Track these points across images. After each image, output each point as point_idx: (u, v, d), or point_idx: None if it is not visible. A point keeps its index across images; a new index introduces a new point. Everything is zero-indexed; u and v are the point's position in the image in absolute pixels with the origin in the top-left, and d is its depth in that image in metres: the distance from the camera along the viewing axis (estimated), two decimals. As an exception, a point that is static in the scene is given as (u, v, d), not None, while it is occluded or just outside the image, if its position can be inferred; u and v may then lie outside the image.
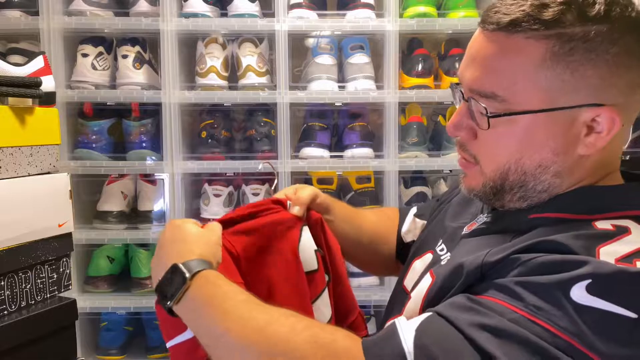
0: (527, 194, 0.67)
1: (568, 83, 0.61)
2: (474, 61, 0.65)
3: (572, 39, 0.59)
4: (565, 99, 0.61)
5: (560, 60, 0.60)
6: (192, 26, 1.78)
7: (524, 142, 0.64)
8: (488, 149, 0.67)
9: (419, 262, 0.82)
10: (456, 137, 0.71)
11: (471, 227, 0.75)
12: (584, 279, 0.53)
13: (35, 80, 0.98)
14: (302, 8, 1.79)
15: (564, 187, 0.66)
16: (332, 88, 1.82)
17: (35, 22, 1.72)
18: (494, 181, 0.68)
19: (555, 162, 0.64)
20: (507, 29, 0.61)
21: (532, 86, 0.62)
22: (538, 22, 0.60)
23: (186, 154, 1.86)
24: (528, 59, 0.61)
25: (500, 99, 0.63)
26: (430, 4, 1.83)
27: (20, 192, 0.95)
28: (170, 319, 0.69)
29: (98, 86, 1.80)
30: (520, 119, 0.63)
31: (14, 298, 0.95)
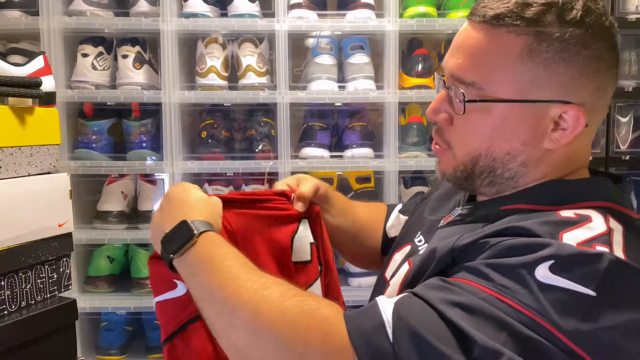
0: (496, 179, 0.72)
1: (541, 78, 0.66)
2: (458, 50, 0.70)
3: (549, 37, 0.65)
4: (537, 93, 0.66)
5: (536, 55, 0.65)
6: (192, 26, 1.78)
7: (496, 130, 0.69)
8: (462, 134, 0.72)
9: (399, 255, 0.86)
10: (434, 122, 0.75)
11: (447, 219, 0.80)
12: (547, 259, 0.57)
13: (35, 80, 0.98)
14: (302, 8, 1.79)
15: (530, 177, 0.71)
16: (332, 88, 1.82)
17: (35, 22, 1.72)
18: (465, 165, 0.73)
19: (523, 152, 0.69)
20: (491, 22, 0.67)
21: (508, 77, 0.67)
22: (520, 19, 0.65)
23: (186, 154, 1.86)
24: (507, 51, 0.66)
25: (477, 86, 0.68)
26: (430, 4, 1.83)
27: (20, 192, 0.95)
28: (163, 274, 0.72)
29: (98, 86, 1.80)
30: (493, 107, 0.68)
31: (14, 298, 0.95)
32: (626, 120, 1.88)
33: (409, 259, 0.78)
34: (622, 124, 1.88)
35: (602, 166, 1.86)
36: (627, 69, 1.89)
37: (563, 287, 0.56)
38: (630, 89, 1.84)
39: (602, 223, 0.62)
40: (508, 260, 0.59)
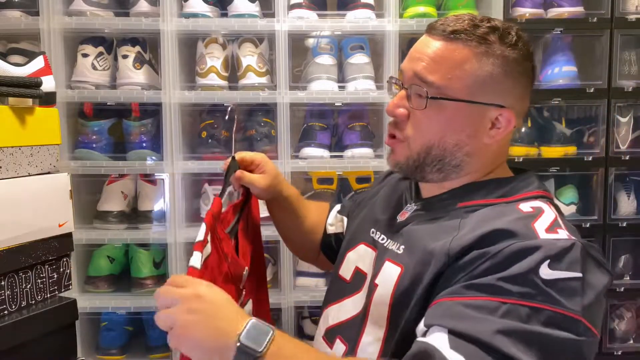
0: (444, 167, 0.87)
1: (486, 84, 0.83)
2: (421, 56, 0.85)
3: (493, 53, 0.83)
4: (482, 96, 0.84)
5: (484, 66, 0.83)
6: (192, 26, 1.78)
7: (448, 124, 0.85)
8: (419, 127, 0.86)
9: (353, 254, 0.99)
10: (394, 116, 0.88)
11: (404, 215, 0.93)
12: (544, 260, 0.71)
13: (35, 81, 0.98)
14: (302, 8, 1.79)
15: (472, 165, 0.87)
16: (332, 88, 1.82)
17: (36, 22, 1.72)
18: (418, 154, 0.87)
19: (468, 144, 0.86)
20: (450, 36, 0.84)
21: (461, 81, 0.83)
22: (473, 36, 0.83)
23: (186, 154, 1.86)
24: (463, 60, 0.83)
25: (436, 86, 0.83)
26: (430, 4, 1.83)
27: (20, 192, 0.95)
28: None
29: (98, 86, 1.80)
30: (447, 105, 0.83)
31: (14, 298, 0.95)
32: (626, 120, 1.88)
33: (389, 258, 0.88)
34: (622, 124, 1.88)
35: (602, 166, 1.86)
36: (627, 69, 1.89)
37: (562, 278, 0.70)
38: (630, 89, 1.84)
39: (550, 212, 0.79)
40: (514, 269, 0.71)
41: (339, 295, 0.97)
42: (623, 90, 1.84)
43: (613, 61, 1.83)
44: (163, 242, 1.82)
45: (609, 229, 1.87)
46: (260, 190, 1.09)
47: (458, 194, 0.88)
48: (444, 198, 0.89)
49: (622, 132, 1.88)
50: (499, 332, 0.67)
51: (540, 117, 1.94)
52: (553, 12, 1.86)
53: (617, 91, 1.84)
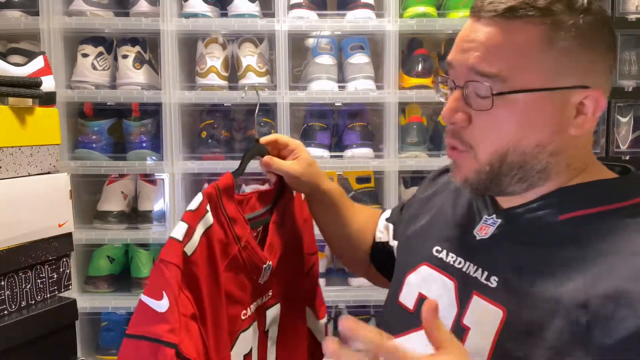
0: (527, 174, 0.69)
1: (563, 65, 0.66)
2: (472, 45, 0.68)
3: (564, 25, 0.65)
4: (560, 80, 0.66)
5: (555, 44, 0.65)
6: (192, 26, 1.78)
7: (523, 122, 0.67)
8: (486, 132, 0.69)
9: (414, 277, 0.81)
10: (452, 123, 0.71)
11: (484, 230, 0.74)
12: None
13: (35, 80, 0.98)
14: (302, 8, 1.79)
15: (560, 166, 0.69)
16: (332, 88, 1.82)
17: (35, 22, 1.72)
18: (490, 165, 0.69)
19: (553, 142, 0.68)
20: (505, 15, 0.66)
21: (532, 67, 0.66)
22: (533, 9, 0.65)
23: (186, 154, 1.86)
24: (528, 42, 0.65)
25: (502, 78, 0.66)
26: (430, 4, 1.83)
27: (20, 192, 0.95)
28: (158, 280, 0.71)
29: (98, 86, 1.80)
30: (519, 98, 0.66)
31: (14, 298, 0.95)
32: (626, 120, 1.88)
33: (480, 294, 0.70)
34: (622, 124, 1.88)
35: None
36: (627, 69, 1.89)
37: None
38: (630, 89, 1.84)
39: None
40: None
41: (404, 327, 0.77)
42: (623, 90, 1.84)
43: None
44: (163, 242, 1.80)
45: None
46: (292, 178, 0.95)
47: (553, 203, 0.69)
48: (535, 208, 0.70)
49: (622, 132, 1.88)
50: None
51: (540, 117, 1.94)
52: (553, 12, 1.86)
53: (617, 91, 1.84)
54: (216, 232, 0.80)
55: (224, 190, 0.83)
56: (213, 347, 0.77)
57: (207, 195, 0.80)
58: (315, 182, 0.98)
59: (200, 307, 0.76)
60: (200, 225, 0.77)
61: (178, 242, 0.74)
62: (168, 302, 0.70)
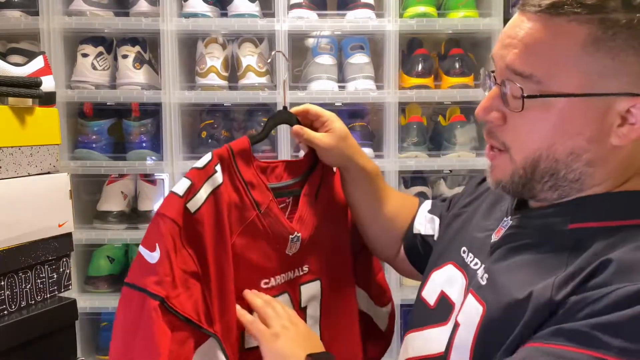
0: (558, 182, 0.65)
1: (608, 68, 0.60)
2: (512, 41, 0.64)
3: (615, 24, 0.59)
4: (604, 85, 0.61)
5: (602, 45, 0.59)
6: (192, 26, 1.78)
7: (558, 127, 0.63)
8: (519, 134, 0.66)
9: (438, 274, 0.81)
10: (485, 121, 0.69)
11: (499, 232, 0.73)
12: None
13: (35, 80, 0.98)
14: (302, 8, 1.79)
15: (597, 177, 0.65)
16: (332, 88, 1.82)
17: (35, 22, 1.72)
18: (524, 169, 0.66)
19: (589, 151, 0.63)
20: (549, 11, 0.61)
21: (572, 69, 0.61)
22: (581, 6, 0.59)
23: (186, 154, 1.86)
24: (570, 41, 0.60)
25: (537, 79, 0.62)
26: (430, 4, 1.83)
27: (20, 192, 0.95)
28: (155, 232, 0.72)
29: (98, 86, 1.80)
30: (555, 102, 0.62)
31: (14, 298, 0.95)
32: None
33: (472, 290, 0.70)
34: (622, 124, 1.87)
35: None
36: (627, 69, 1.89)
37: None
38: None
39: None
40: (616, 316, 0.53)
41: (422, 322, 0.80)
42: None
43: (613, 61, 1.83)
44: (163, 242, 1.82)
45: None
46: (323, 150, 0.91)
47: (569, 210, 0.66)
48: (549, 214, 0.68)
49: (622, 132, 1.88)
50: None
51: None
52: (553, 12, 1.86)
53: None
54: (228, 194, 0.79)
55: (238, 153, 0.81)
56: (217, 309, 0.76)
57: (218, 156, 0.78)
58: (348, 157, 0.93)
59: (204, 266, 0.75)
60: (208, 185, 0.76)
61: (178, 196, 0.74)
62: (159, 254, 0.71)
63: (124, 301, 0.73)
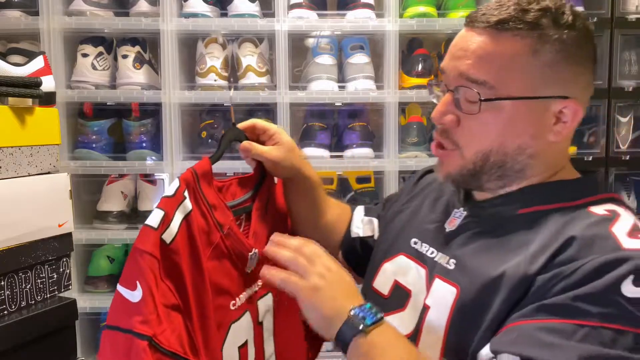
0: (505, 172, 0.76)
1: (546, 75, 0.72)
2: (465, 53, 0.74)
3: (549, 39, 0.71)
4: (543, 90, 0.73)
5: (540, 56, 0.72)
6: (192, 26, 1.78)
7: (508, 127, 0.74)
8: (472, 134, 0.75)
9: (390, 265, 0.88)
10: (441, 124, 0.78)
11: (453, 222, 0.82)
12: (627, 275, 0.62)
13: (35, 80, 0.98)
14: (302, 8, 1.79)
15: (537, 168, 0.76)
16: (332, 88, 1.82)
17: (35, 22, 1.72)
18: (474, 164, 0.76)
19: (532, 146, 0.75)
20: (497, 27, 0.72)
21: (518, 76, 0.72)
22: (522, 23, 0.71)
23: (186, 154, 1.86)
24: (515, 53, 0.72)
25: (489, 85, 0.72)
26: (430, 4, 1.83)
27: (20, 192, 0.95)
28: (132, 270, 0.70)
29: (98, 86, 1.80)
30: (504, 105, 0.73)
31: (14, 298, 0.95)
32: (626, 120, 1.88)
33: (440, 275, 0.77)
34: (622, 124, 1.88)
35: (602, 166, 1.85)
36: (627, 69, 1.89)
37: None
38: (630, 89, 1.84)
39: (627, 215, 0.71)
40: (591, 287, 0.62)
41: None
42: (623, 90, 1.84)
43: (613, 61, 1.83)
44: (163, 242, 1.82)
45: (609, 229, 1.86)
46: (271, 163, 0.94)
47: (516, 199, 0.77)
48: (499, 203, 0.79)
49: (622, 132, 1.88)
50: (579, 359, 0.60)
51: (540, 117, 1.94)
52: (553, 12, 1.86)
53: (617, 91, 1.84)
54: (196, 219, 0.77)
55: (201, 176, 0.79)
56: (200, 339, 0.75)
57: (184, 181, 0.77)
58: (296, 168, 0.97)
59: (183, 297, 0.74)
60: (179, 212, 0.75)
61: (153, 229, 0.71)
62: (141, 292, 0.69)
63: (109, 345, 0.71)
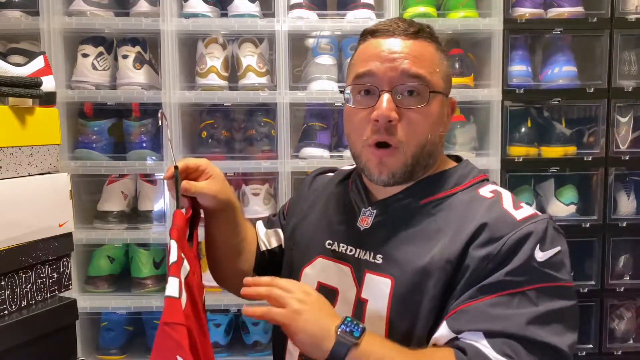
0: (429, 162, 0.88)
1: (447, 75, 0.90)
2: (400, 55, 0.85)
3: (440, 47, 0.91)
4: (447, 87, 0.90)
5: (443, 58, 0.90)
6: (192, 26, 1.78)
7: (437, 118, 0.87)
8: (414, 128, 0.85)
9: (310, 269, 0.95)
10: (390, 120, 0.83)
11: (365, 221, 0.91)
12: (535, 245, 0.77)
13: (35, 81, 0.98)
14: (302, 8, 1.79)
15: (437, 157, 0.90)
16: (332, 88, 1.82)
17: (36, 22, 1.72)
18: (413, 157, 0.85)
19: (442, 136, 0.90)
20: (416, 35, 0.87)
21: (438, 73, 0.87)
22: (427, 34, 0.89)
23: (186, 154, 1.86)
24: (433, 54, 0.88)
25: (427, 80, 0.85)
26: (430, 4, 1.83)
27: (20, 192, 0.95)
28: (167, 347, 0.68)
29: (98, 86, 1.80)
30: (436, 99, 0.86)
31: (14, 298, 0.95)
32: (626, 120, 1.88)
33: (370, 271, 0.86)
34: (622, 124, 1.88)
35: (602, 166, 1.86)
36: (627, 69, 1.89)
37: (550, 255, 0.78)
38: (630, 89, 1.84)
39: (504, 191, 0.87)
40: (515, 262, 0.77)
41: None
42: (623, 90, 1.84)
43: (613, 61, 1.83)
44: (163, 242, 1.82)
45: (608, 229, 1.87)
46: (211, 197, 0.94)
47: (416, 192, 0.89)
48: (402, 198, 0.89)
49: (622, 132, 1.88)
50: (529, 323, 0.74)
51: (540, 117, 1.94)
52: (553, 12, 1.86)
53: (617, 91, 1.84)
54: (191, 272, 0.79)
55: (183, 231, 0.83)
56: None
57: (179, 243, 0.77)
58: (229, 198, 0.98)
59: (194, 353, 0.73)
60: (182, 273, 0.75)
61: (175, 299, 0.70)
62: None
63: None
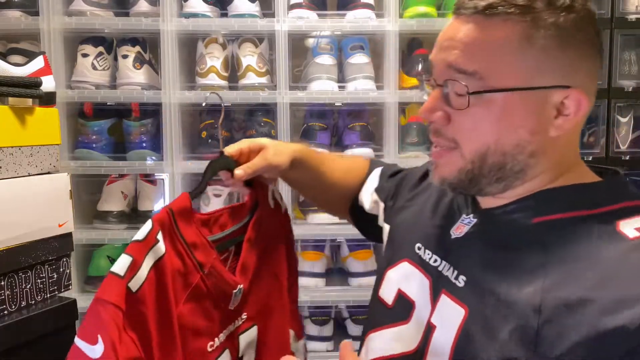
0: (505, 174, 0.68)
1: (542, 63, 0.64)
2: (452, 43, 0.67)
3: (544, 23, 0.63)
4: (539, 80, 0.65)
5: (534, 42, 0.64)
6: (192, 26, 1.78)
7: (502, 121, 0.66)
8: (466, 130, 0.68)
9: (394, 272, 0.82)
10: (430, 121, 0.71)
11: (460, 229, 0.74)
12: None
13: (35, 81, 0.98)
14: (302, 8, 1.79)
15: (539, 168, 0.68)
16: (332, 88, 1.82)
17: (36, 22, 1.72)
18: (472, 164, 0.68)
19: (531, 142, 0.66)
20: (485, 13, 0.65)
21: (510, 65, 0.65)
22: (513, 6, 0.64)
23: (186, 154, 1.86)
24: (507, 39, 0.64)
25: (479, 76, 0.65)
26: (430, 4, 1.83)
27: (20, 192, 0.95)
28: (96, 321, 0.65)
29: (98, 86, 1.80)
30: (497, 98, 0.65)
31: (14, 298, 0.95)
32: (626, 120, 1.88)
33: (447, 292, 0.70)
34: (622, 124, 1.88)
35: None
36: (627, 69, 1.89)
37: None
38: (630, 89, 1.84)
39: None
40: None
41: (382, 322, 0.80)
42: (623, 90, 1.84)
43: (613, 61, 1.83)
44: (163, 242, 1.82)
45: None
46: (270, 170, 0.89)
47: (529, 205, 0.68)
48: (511, 210, 0.69)
49: (622, 132, 1.88)
50: None
51: (540, 117, 1.94)
52: (553, 12, 1.86)
53: (617, 91, 1.84)
54: (171, 262, 0.73)
55: (178, 214, 0.75)
56: None
57: (158, 222, 0.72)
58: (288, 158, 0.91)
59: (147, 349, 0.69)
60: (149, 257, 0.70)
61: (119, 277, 0.66)
62: (103, 347, 0.64)
63: None
